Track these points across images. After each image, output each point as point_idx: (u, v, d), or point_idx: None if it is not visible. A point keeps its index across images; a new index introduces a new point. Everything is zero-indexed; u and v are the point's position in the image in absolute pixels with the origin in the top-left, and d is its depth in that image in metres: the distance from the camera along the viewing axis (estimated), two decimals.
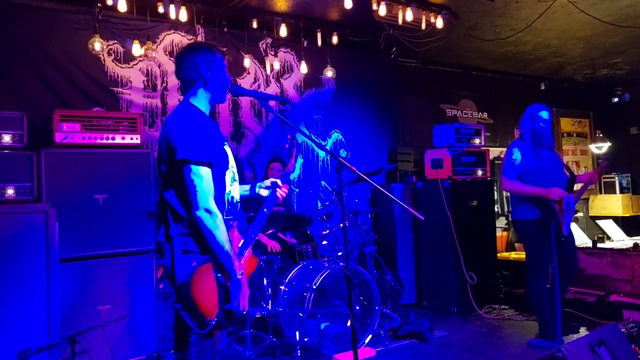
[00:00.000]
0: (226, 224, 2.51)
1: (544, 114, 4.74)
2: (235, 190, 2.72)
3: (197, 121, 2.52)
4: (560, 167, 4.82)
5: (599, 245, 6.17)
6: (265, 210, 2.91)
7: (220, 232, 2.42)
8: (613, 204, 9.43)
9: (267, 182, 3.07)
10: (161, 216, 2.58)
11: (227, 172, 2.66)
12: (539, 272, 4.67)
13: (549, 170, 4.67)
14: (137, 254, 4.48)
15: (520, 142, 4.79)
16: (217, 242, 2.41)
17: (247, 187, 3.08)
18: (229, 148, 2.72)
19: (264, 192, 3.07)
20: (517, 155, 4.71)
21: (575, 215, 8.85)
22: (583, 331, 5.02)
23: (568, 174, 4.73)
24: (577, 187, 4.78)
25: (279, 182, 3.06)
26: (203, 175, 2.42)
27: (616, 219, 8.25)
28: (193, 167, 2.41)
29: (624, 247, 6.02)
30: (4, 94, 4.72)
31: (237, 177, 2.78)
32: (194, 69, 2.63)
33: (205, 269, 2.43)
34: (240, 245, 2.71)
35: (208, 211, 2.40)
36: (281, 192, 3.05)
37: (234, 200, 2.71)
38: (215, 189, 2.52)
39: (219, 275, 2.46)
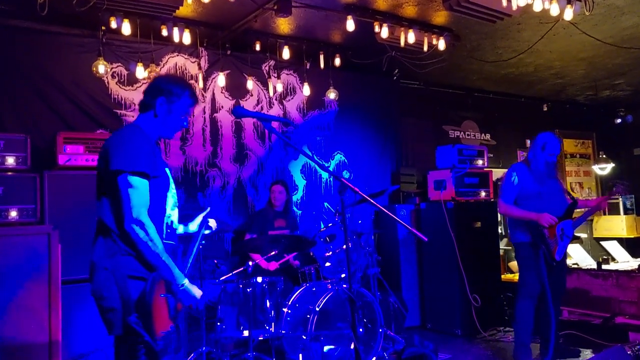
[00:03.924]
0: (167, 249, 2.49)
1: (556, 146, 4.67)
2: (175, 216, 2.72)
3: (136, 138, 2.51)
4: (559, 192, 4.76)
5: (604, 266, 6.11)
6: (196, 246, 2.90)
7: (154, 244, 2.38)
8: (617, 225, 9.36)
9: (199, 218, 3.10)
10: (96, 233, 2.54)
11: (169, 195, 2.65)
12: (525, 295, 4.64)
13: (547, 195, 4.63)
14: None
15: (522, 167, 4.76)
16: (152, 253, 2.38)
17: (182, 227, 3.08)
18: (170, 174, 2.72)
19: (193, 227, 3.09)
20: (515, 179, 4.68)
21: (579, 237, 8.81)
22: (588, 354, 4.96)
23: (569, 199, 4.72)
24: (580, 211, 4.79)
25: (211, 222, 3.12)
26: (137, 186, 2.39)
27: (620, 241, 8.18)
28: (128, 177, 2.38)
29: (629, 268, 5.97)
30: (8, 117, 4.75)
31: (177, 204, 2.77)
32: (153, 96, 2.62)
33: (158, 289, 2.40)
34: None
35: (140, 223, 2.36)
36: (212, 222, 3.10)
37: (174, 226, 2.70)
38: (156, 210, 2.50)
39: (168, 295, 2.44)
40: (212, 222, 3.11)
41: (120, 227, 2.39)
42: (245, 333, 4.38)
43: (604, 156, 8.87)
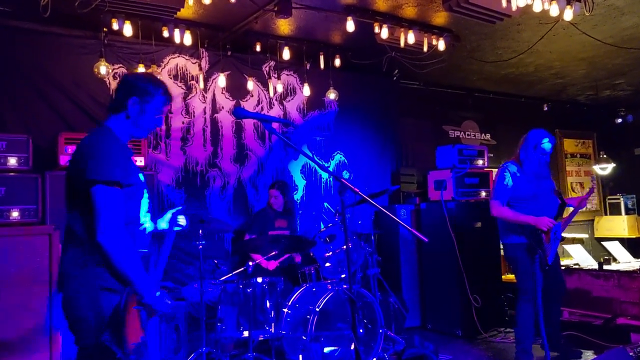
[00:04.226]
0: (139, 257, 2.45)
1: (547, 146, 4.55)
2: (147, 222, 2.67)
3: (110, 144, 2.43)
4: (551, 192, 4.65)
5: (605, 267, 6.10)
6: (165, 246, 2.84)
7: (128, 257, 2.33)
8: (619, 225, 9.37)
9: (168, 215, 2.99)
10: (65, 241, 2.46)
11: (142, 202, 2.59)
12: (527, 300, 4.51)
13: (541, 197, 4.54)
14: None
15: (514, 167, 4.62)
16: (125, 267, 2.32)
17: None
18: (144, 179, 2.65)
19: (163, 225, 2.97)
20: (508, 180, 4.55)
21: (581, 237, 8.81)
22: (590, 355, 4.96)
23: (559, 200, 4.62)
24: (567, 211, 4.70)
25: (180, 219, 3.00)
26: (111, 196, 2.31)
27: (622, 241, 8.17)
28: (102, 187, 2.30)
29: (631, 269, 5.95)
30: (10, 117, 4.77)
31: (149, 209, 2.71)
32: (125, 96, 2.55)
33: (131, 303, 2.36)
34: None
35: (114, 236, 2.29)
36: (182, 220, 2.98)
37: (146, 232, 2.65)
38: (130, 219, 2.45)
39: (140, 307, 2.40)
40: (182, 219, 3.00)
41: (93, 237, 2.30)
42: (245, 333, 4.39)
43: (605, 156, 8.86)
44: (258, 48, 5.70)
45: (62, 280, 2.40)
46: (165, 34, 5.04)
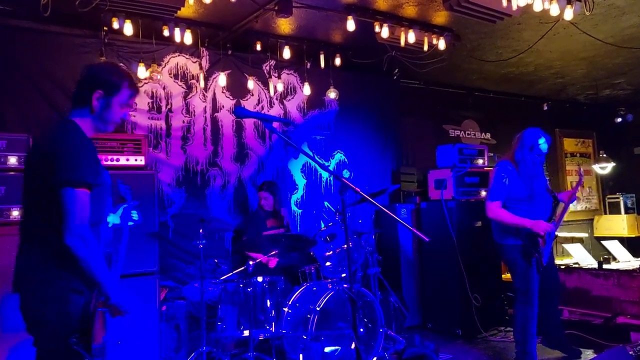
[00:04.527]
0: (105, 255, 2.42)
1: (544, 147, 4.50)
2: (111, 220, 2.66)
3: (79, 142, 2.34)
4: (545, 192, 4.60)
5: (605, 266, 6.11)
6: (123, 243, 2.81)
7: (95, 259, 2.28)
8: (618, 224, 9.38)
9: (119, 211, 2.91)
10: (25, 241, 2.40)
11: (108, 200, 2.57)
12: (524, 301, 4.45)
13: (536, 197, 4.48)
14: (140, 276, 4.47)
15: (510, 167, 4.54)
16: (93, 269, 2.28)
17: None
18: (108, 178, 2.60)
19: (116, 220, 2.90)
20: (506, 179, 4.47)
21: (580, 236, 8.81)
22: (590, 354, 4.96)
23: (552, 198, 4.58)
24: (559, 207, 4.68)
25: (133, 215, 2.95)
26: (80, 198, 2.25)
27: (621, 240, 8.16)
28: (72, 189, 2.24)
29: (631, 268, 5.96)
30: (10, 117, 4.76)
31: (111, 209, 2.68)
32: (89, 90, 2.45)
33: (97, 304, 2.35)
34: None
35: (83, 238, 2.24)
36: (135, 215, 2.94)
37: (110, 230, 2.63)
38: (96, 220, 2.42)
39: (105, 309, 2.38)
40: (135, 214, 2.95)
41: (60, 239, 2.24)
42: (246, 333, 4.39)
43: (605, 155, 8.86)
44: (258, 47, 5.69)
45: (22, 282, 2.33)
46: (166, 33, 5.04)
